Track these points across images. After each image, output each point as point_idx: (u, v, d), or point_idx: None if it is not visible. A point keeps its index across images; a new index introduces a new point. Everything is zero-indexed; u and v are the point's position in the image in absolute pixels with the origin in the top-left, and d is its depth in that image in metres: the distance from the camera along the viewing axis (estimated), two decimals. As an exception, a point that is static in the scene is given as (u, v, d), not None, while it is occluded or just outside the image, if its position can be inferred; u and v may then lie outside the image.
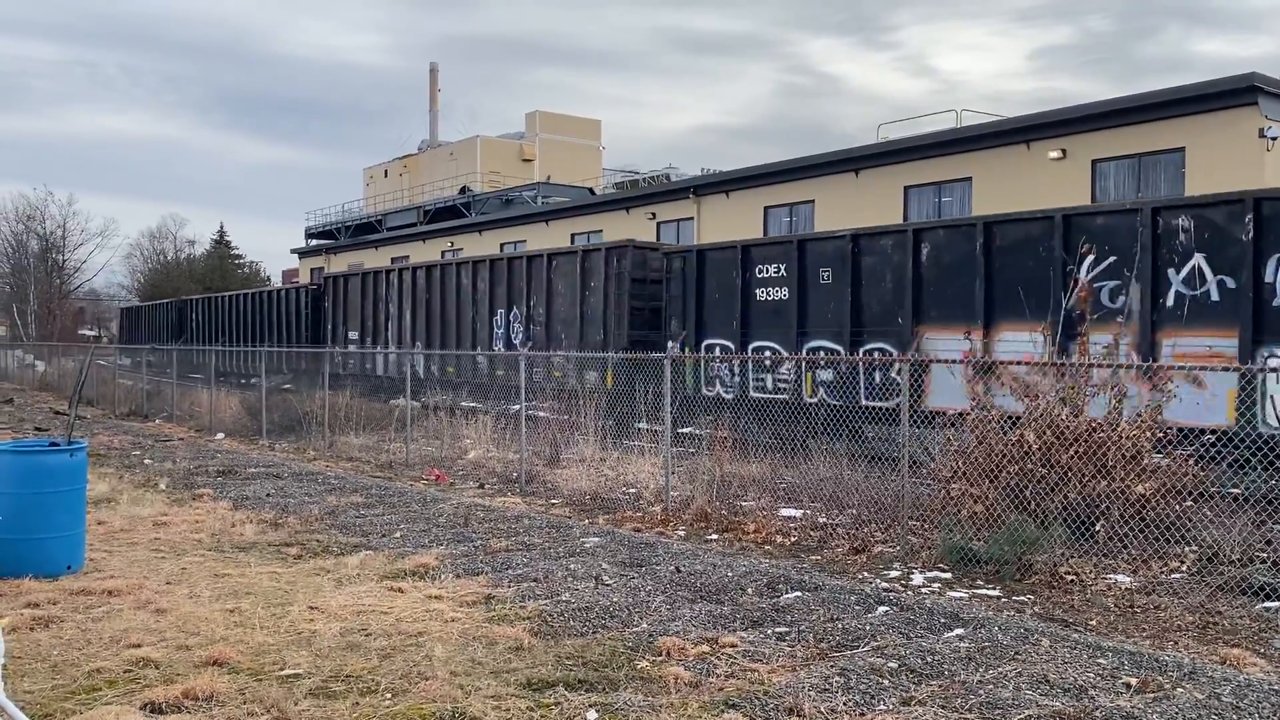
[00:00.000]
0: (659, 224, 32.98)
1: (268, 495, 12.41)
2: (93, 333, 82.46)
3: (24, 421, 22.75)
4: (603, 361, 18.37)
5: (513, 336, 22.52)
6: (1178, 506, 8.46)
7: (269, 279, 75.59)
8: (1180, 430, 9.23)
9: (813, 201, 27.64)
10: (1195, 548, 8.39)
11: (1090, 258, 12.46)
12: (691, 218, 31.67)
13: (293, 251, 59.90)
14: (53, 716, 5.10)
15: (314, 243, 58.74)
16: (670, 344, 17.93)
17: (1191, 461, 8.66)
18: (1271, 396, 10.59)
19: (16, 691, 5.28)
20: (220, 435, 20.09)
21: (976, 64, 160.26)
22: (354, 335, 29.07)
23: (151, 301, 54.64)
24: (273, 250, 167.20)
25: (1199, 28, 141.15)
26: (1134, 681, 5.64)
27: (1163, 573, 8.14)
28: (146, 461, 15.76)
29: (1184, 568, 8.19)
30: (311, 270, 56.03)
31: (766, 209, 29.20)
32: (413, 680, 5.61)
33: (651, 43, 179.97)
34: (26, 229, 73.59)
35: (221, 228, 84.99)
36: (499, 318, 23.11)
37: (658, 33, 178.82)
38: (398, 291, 26.96)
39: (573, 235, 36.53)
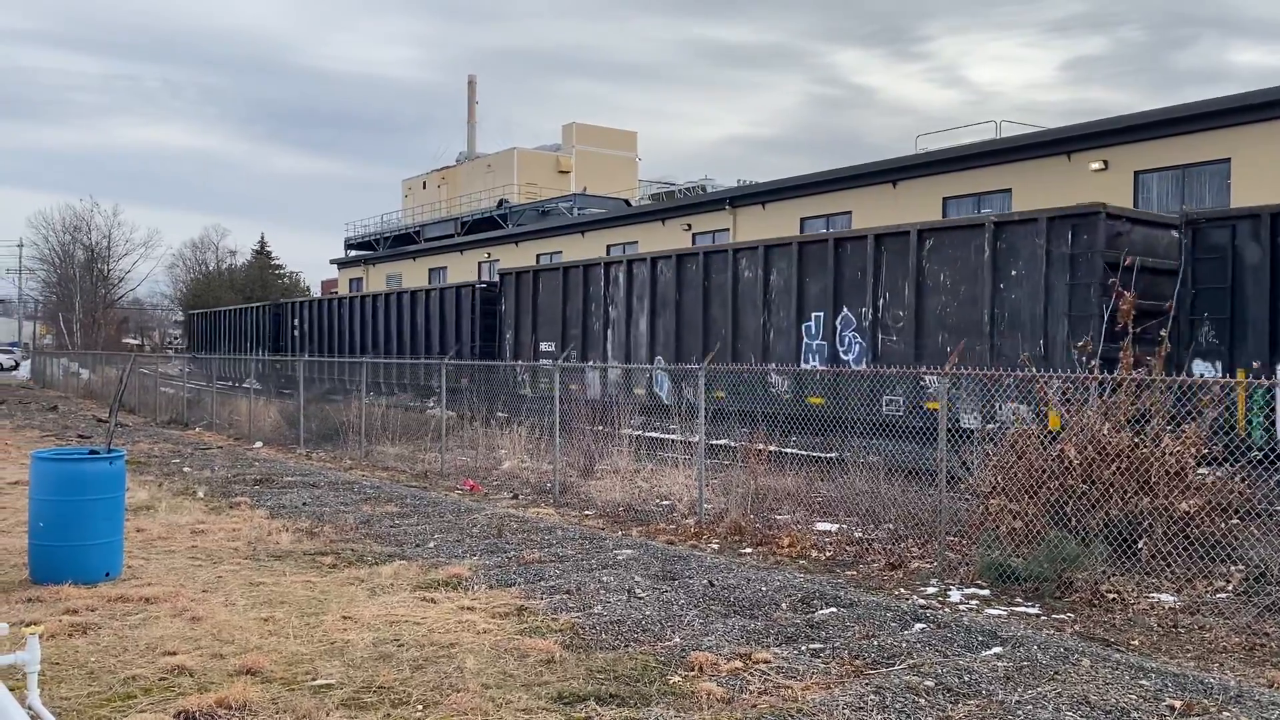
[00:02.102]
0: (694, 235, 32.95)
1: (304, 504, 12.49)
2: (136, 341, 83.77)
3: (67, 429, 23.11)
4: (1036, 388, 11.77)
5: (841, 349, 16.20)
6: (1223, 524, 8.27)
7: (309, 289, 76.40)
8: None
9: (850, 213, 27.49)
10: (1242, 567, 8.20)
11: None
12: (727, 229, 31.62)
13: (332, 262, 60.53)
14: (88, 723, 5.14)
15: (353, 254, 59.35)
16: (1200, 364, 12.26)
17: (1238, 478, 8.45)
18: None
19: (53, 698, 5.33)
20: (259, 444, 20.29)
21: (1009, 75, 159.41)
22: (549, 347, 22.70)
23: (235, 306, 47.10)
24: (312, 261, 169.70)
25: (1236, 38, 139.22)
26: (1178, 704, 5.50)
27: (1208, 592, 7.95)
28: (185, 469, 15.94)
29: (1230, 587, 8.00)
30: (350, 280, 56.56)
31: (803, 220, 29.07)
32: (444, 692, 5.59)
33: (681, 54, 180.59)
34: (73, 239, 75.10)
35: (262, 238, 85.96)
36: (813, 323, 16.70)
37: (687, 44, 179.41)
38: (625, 290, 20.48)
39: (608, 247, 36.59)
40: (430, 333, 27.64)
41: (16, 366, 63.41)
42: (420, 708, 5.39)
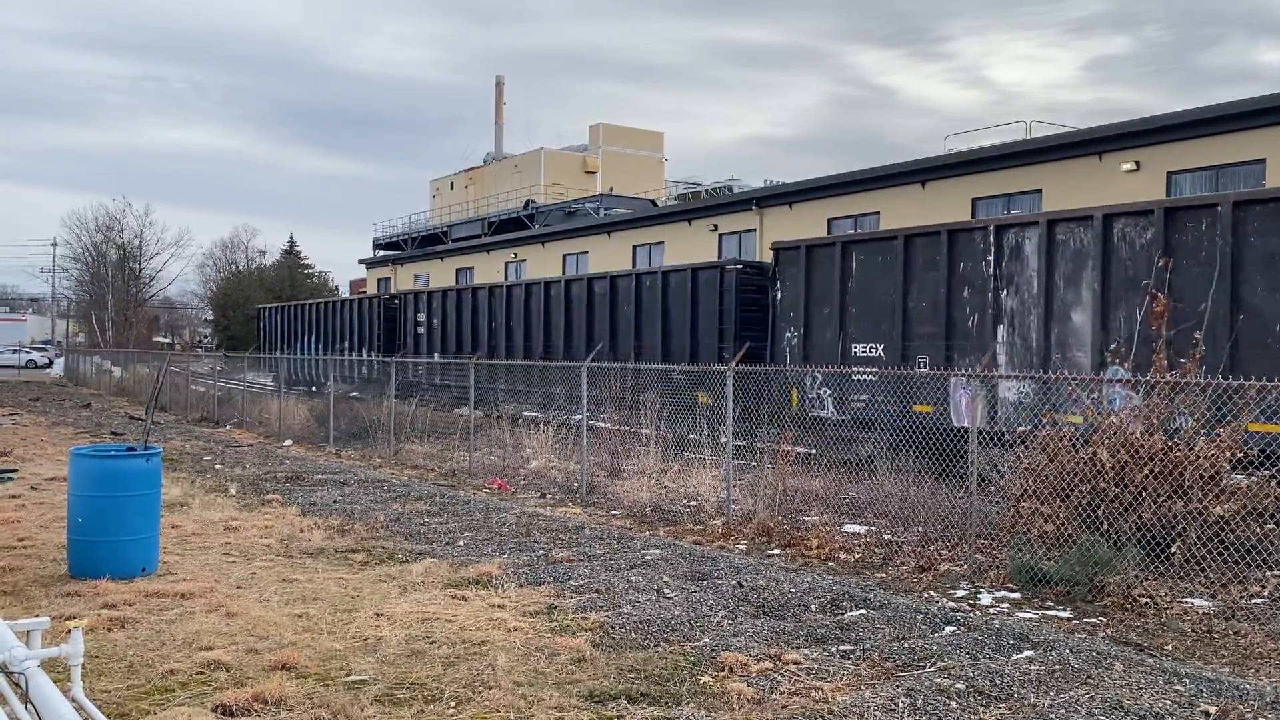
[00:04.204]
0: (720, 236, 32.93)
1: (334, 501, 12.60)
2: (167, 340, 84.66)
3: (100, 426, 23.41)
4: None
5: None
6: (1259, 529, 8.18)
7: (337, 289, 76.92)
8: None
9: (878, 213, 27.38)
10: (1278, 572, 8.11)
11: None
12: (754, 229, 31.56)
13: (360, 262, 60.96)
14: (128, 716, 5.22)
15: (381, 253, 59.73)
16: None
17: (1275, 483, 8.36)
18: None
19: (94, 690, 5.41)
20: (288, 442, 20.47)
21: (1031, 75, 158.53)
22: (870, 350, 15.39)
23: (326, 299, 40.13)
24: (339, 261, 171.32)
25: (1264, 37, 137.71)
26: (1213, 710, 5.46)
27: (1243, 597, 7.87)
28: (217, 467, 16.11)
29: (1265, 593, 7.92)
30: (378, 280, 56.92)
31: (830, 220, 28.98)
32: (476, 689, 5.64)
33: (701, 55, 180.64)
34: (106, 238, 75.94)
35: (291, 238, 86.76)
36: None
37: (707, 45, 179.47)
38: (1039, 265, 13.36)
39: (634, 248, 36.63)
40: (644, 330, 20.44)
41: (50, 364, 64.31)
42: (453, 704, 5.43)
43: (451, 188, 62.43)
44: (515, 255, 44.15)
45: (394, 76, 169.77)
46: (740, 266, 19.05)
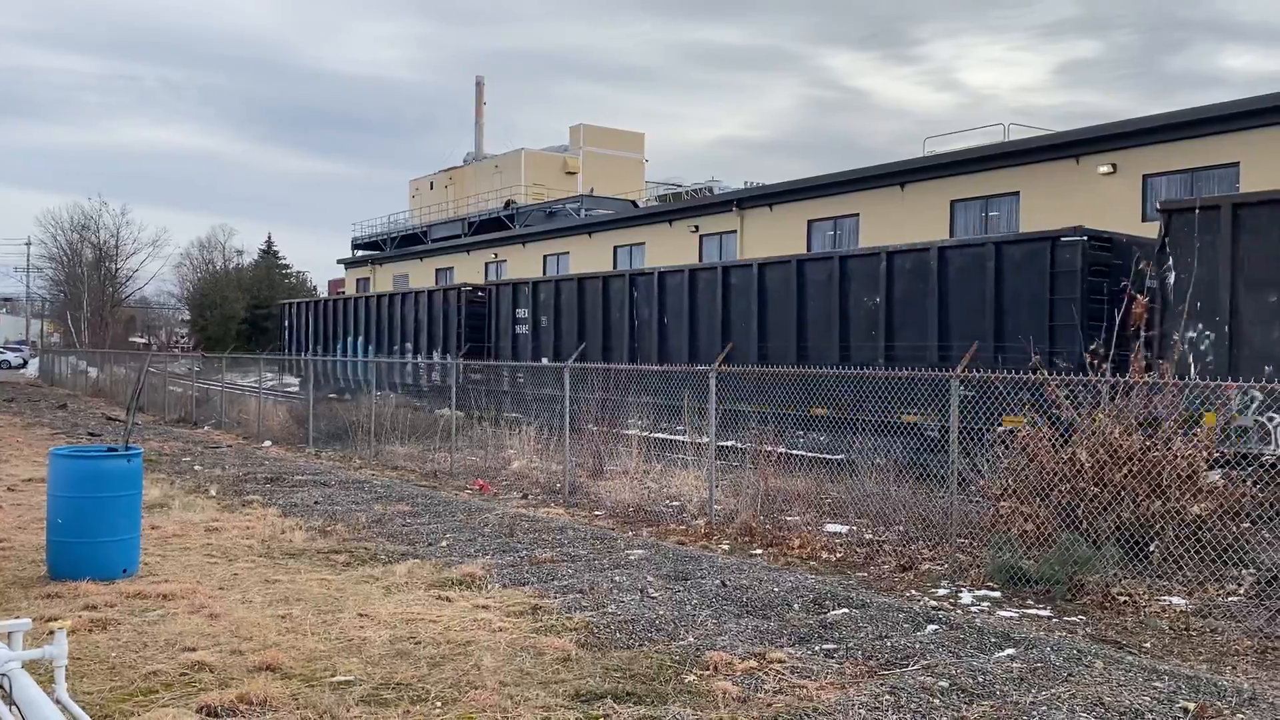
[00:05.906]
0: (701, 236, 32.99)
1: (316, 503, 12.55)
2: (144, 340, 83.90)
3: (77, 426, 23.21)
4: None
5: None
6: (1235, 528, 8.29)
7: (315, 289, 76.47)
8: None
9: (857, 215, 27.54)
10: (1254, 570, 8.21)
11: None
12: (734, 230, 31.66)
13: (339, 262, 60.69)
14: (112, 717, 5.20)
15: (360, 254, 59.48)
16: None
17: (1250, 482, 8.46)
18: None
19: (76, 692, 5.37)
20: (268, 443, 20.35)
21: (1003, 78, 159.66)
22: None
23: (381, 291, 34.81)
24: (317, 261, 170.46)
25: (1230, 42, 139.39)
26: (1192, 706, 5.53)
27: (1219, 595, 7.97)
28: (197, 468, 16.01)
29: (1242, 590, 8.02)
30: (357, 280, 56.64)
31: (810, 222, 29.13)
32: (462, 689, 5.64)
33: (675, 57, 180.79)
34: (81, 238, 75.15)
35: (269, 238, 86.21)
36: None
37: (681, 47, 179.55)
38: None
39: (615, 249, 36.64)
40: (899, 330, 15.24)
41: (25, 364, 63.67)
42: (439, 705, 5.43)
43: (431, 188, 62.25)
44: (496, 256, 44.08)
45: (372, 76, 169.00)
46: (1085, 239, 13.43)
